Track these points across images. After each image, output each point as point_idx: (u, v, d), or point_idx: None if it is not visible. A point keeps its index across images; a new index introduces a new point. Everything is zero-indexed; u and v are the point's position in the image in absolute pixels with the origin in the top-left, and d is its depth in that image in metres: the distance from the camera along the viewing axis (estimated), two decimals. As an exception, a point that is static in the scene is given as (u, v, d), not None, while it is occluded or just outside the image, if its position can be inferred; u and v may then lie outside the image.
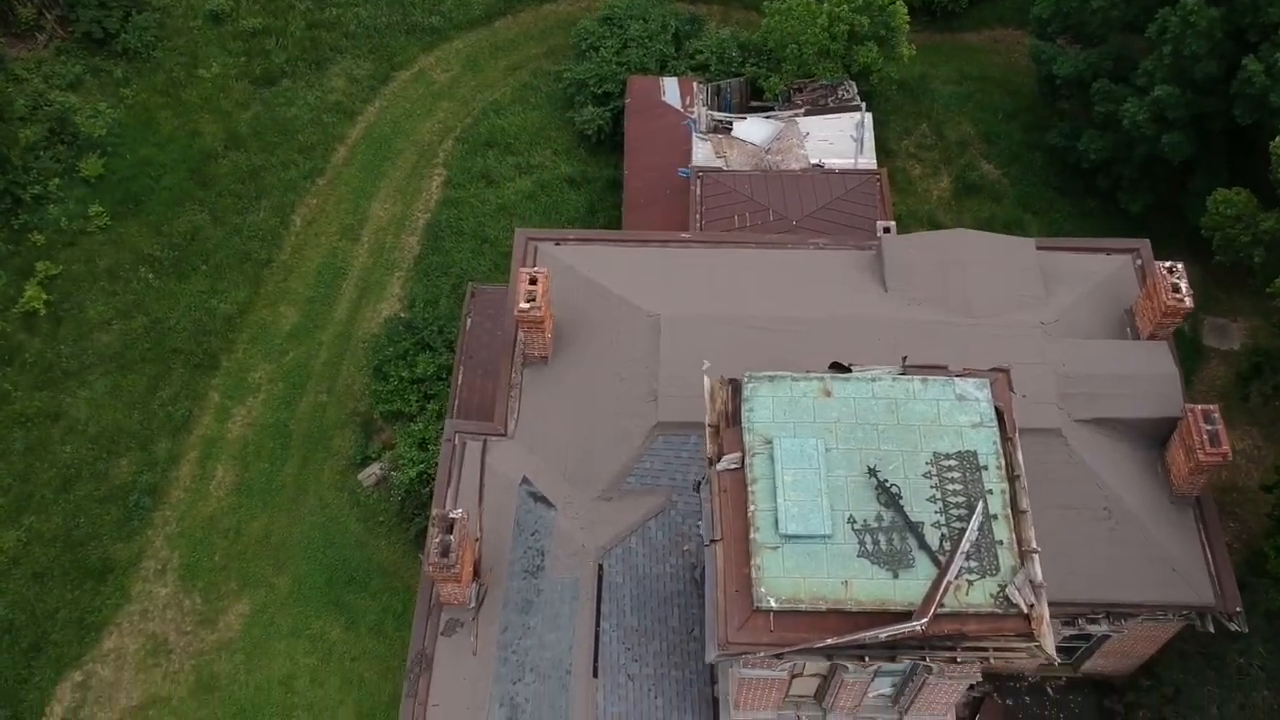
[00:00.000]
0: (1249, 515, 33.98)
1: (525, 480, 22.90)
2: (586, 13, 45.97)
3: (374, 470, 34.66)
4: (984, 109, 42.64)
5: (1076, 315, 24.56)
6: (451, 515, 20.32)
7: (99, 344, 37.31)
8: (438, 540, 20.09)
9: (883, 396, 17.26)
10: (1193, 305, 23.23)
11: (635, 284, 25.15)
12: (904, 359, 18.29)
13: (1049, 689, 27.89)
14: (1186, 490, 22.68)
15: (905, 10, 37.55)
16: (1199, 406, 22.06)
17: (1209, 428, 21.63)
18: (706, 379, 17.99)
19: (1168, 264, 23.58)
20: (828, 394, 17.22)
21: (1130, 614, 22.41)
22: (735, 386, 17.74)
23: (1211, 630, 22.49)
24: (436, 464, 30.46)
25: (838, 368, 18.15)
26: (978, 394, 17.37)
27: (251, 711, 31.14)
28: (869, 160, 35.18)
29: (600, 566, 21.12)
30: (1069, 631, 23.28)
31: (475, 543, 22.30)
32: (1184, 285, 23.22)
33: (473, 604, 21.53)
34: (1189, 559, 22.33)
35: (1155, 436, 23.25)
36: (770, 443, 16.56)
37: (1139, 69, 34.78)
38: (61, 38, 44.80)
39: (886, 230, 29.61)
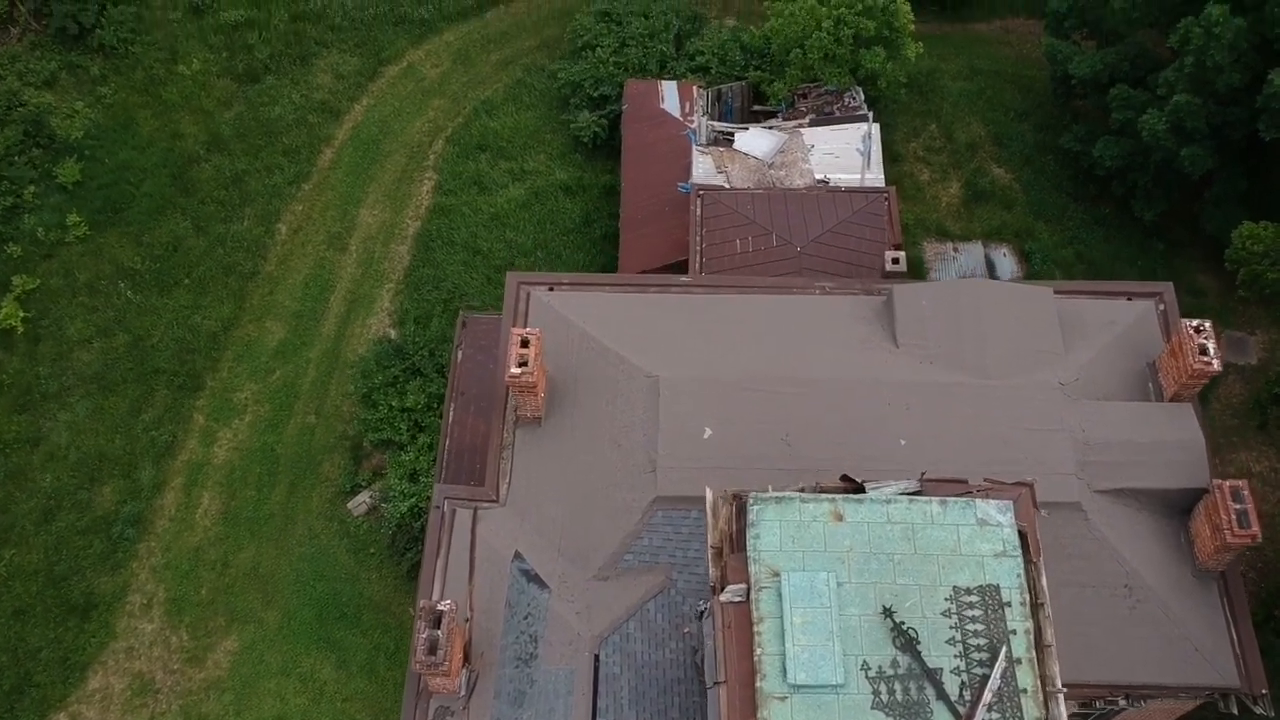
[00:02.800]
0: (1266, 543, 32.98)
1: (518, 556, 21.83)
2: (581, 2, 44.22)
3: (364, 499, 33.61)
4: (995, 107, 41.06)
5: (1097, 372, 23.34)
6: (439, 608, 19.27)
7: (79, 364, 36.10)
8: (424, 636, 19.06)
9: (899, 521, 16.13)
10: (1221, 368, 21.99)
11: (632, 337, 23.90)
12: (922, 475, 17.10)
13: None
14: (1211, 566, 21.62)
15: (909, 10, 35.85)
16: (1227, 483, 20.93)
17: (1238, 506, 20.52)
18: (709, 492, 16.85)
19: (1194, 323, 22.31)
20: (839, 518, 16.08)
21: (1150, 695, 21.45)
22: (740, 506, 16.59)
23: (1235, 712, 21.55)
24: (428, 498, 29.55)
25: (849, 481, 16.99)
26: (1000, 518, 16.24)
27: (241, 756, 30.44)
28: (876, 175, 33.72)
29: (596, 657, 20.11)
30: (1085, 714, 22.36)
31: (465, 623, 21.29)
32: (1211, 346, 21.98)
33: (463, 693, 20.56)
34: (1213, 638, 21.32)
35: (1179, 506, 22.15)
36: (778, 576, 15.46)
37: (1160, 79, 33.20)
38: (36, 31, 43.06)
39: (895, 262, 28.38)
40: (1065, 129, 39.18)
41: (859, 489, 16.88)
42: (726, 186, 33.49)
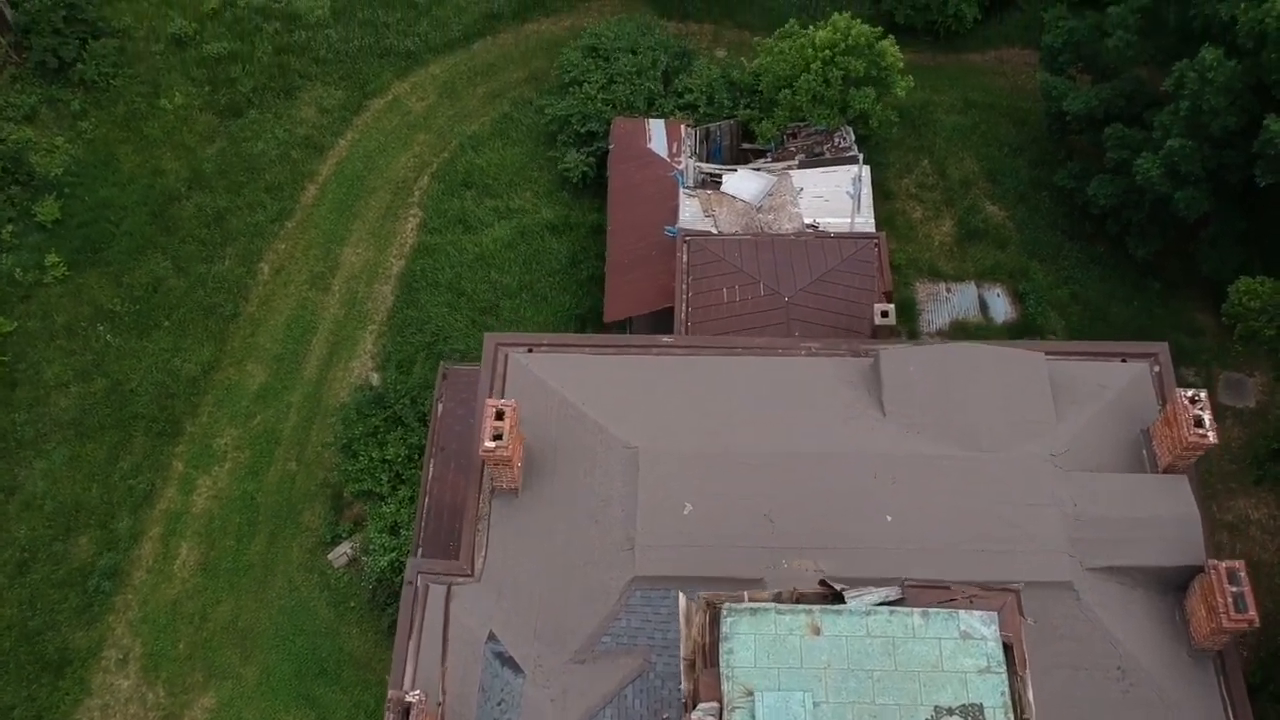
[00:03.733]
0: (1264, 594, 32.30)
1: (492, 637, 21.17)
2: (569, 32, 43.62)
3: (344, 550, 32.97)
4: (989, 142, 40.37)
5: (1089, 440, 22.68)
6: (408, 699, 18.61)
7: (57, 409, 35.45)
8: (393, 730, 18.40)
9: (879, 635, 15.49)
10: (1217, 440, 21.33)
11: (612, 404, 23.25)
12: (903, 581, 16.45)
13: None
14: (1207, 645, 20.96)
15: (896, 49, 35.20)
16: (1224, 564, 20.26)
17: (1234, 589, 19.86)
18: (681, 599, 16.20)
19: (1189, 393, 21.63)
20: (816, 631, 15.44)
21: (1144, 781, 20.79)
22: (713, 615, 15.96)
23: (1232, 796, 20.88)
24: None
25: (827, 587, 16.35)
26: (984, 630, 15.61)
27: (217, 820, 29.81)
28: (866, 219, 33.11)
29: (571, 748, 19.49)
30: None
31: (438, 707, 20.64)
32: (1207, 418, 21.31)
33: (434, 782, 19.89)
34: (1209, 721, 20.68)
35: (1174, 582, 21.49)
36: (752, 695, 14.81)
37: (1155, 120, 32.53)
38: (16, 64, 42.43)
39: (884, 315, 27.71)
40: (1060, 165, 38.55)
41: (838, 597, 16.22)
42: (714, 231, 32.88)
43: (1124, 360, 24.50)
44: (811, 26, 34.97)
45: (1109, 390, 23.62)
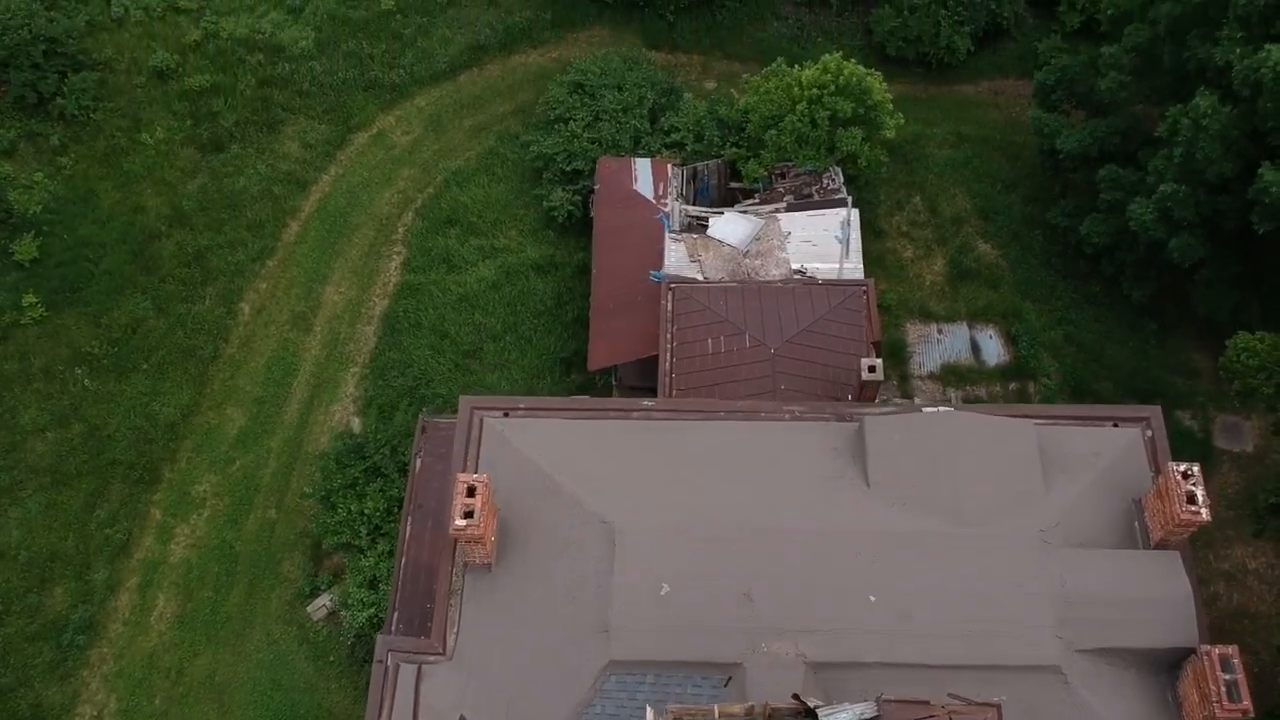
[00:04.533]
0: (1262, 646, 31.72)
1: (463, 721, 20.56)
2: (556, 64, 43.03)
3: (324, 602, 32.36)
4: (981, 177, 39.76)
5: (1079, 513, 22.05)
6: (373, 796, 18.01)
7: (33, 455, 34.86)
8: (356, 830, 17.78)
9: (852, 762, 14.93)
10: (1210, 518, 20.71)
11: (589, 475, 22.63)
12: (879, 697, 15.83)
13: None
14: (1201, 730, 20.34)
15: (884, 87, 34.57)
16: (1216, 650, 19.62)
17: (1228, 677, 19.23)
18: (650, 713, 15.59)
19: (1182, 467, 21.00)
20: (787, 753, 14.88)
21: None
22: (681, 733, 15.37)
23: None
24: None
25: (800, 703, 15.74)
26: (963, 752, 15.04)
27: None
28: (855, 264, 32.46)
29: (542, 845, 18.91)
30: None
31: (407, 796, 20.06)
32: (1200, 494, 20.68)
33: None
34: (1202, 811, 20.05)
35: (1167, 661, 20.87)
36: (718, 822, 14.28)
37: (1149, 165, 31.90)
38: (-5, 97, 41.86)
39: (871, 370, 27.09)
40: (1054, 201, 37.99)
41: (811, 713, 15.62)
42: (700, 277, 32.24)
43: (1116, 425, 23.86)
44: (798, 66, 34.29)
45: (1100, 458, 23.00)
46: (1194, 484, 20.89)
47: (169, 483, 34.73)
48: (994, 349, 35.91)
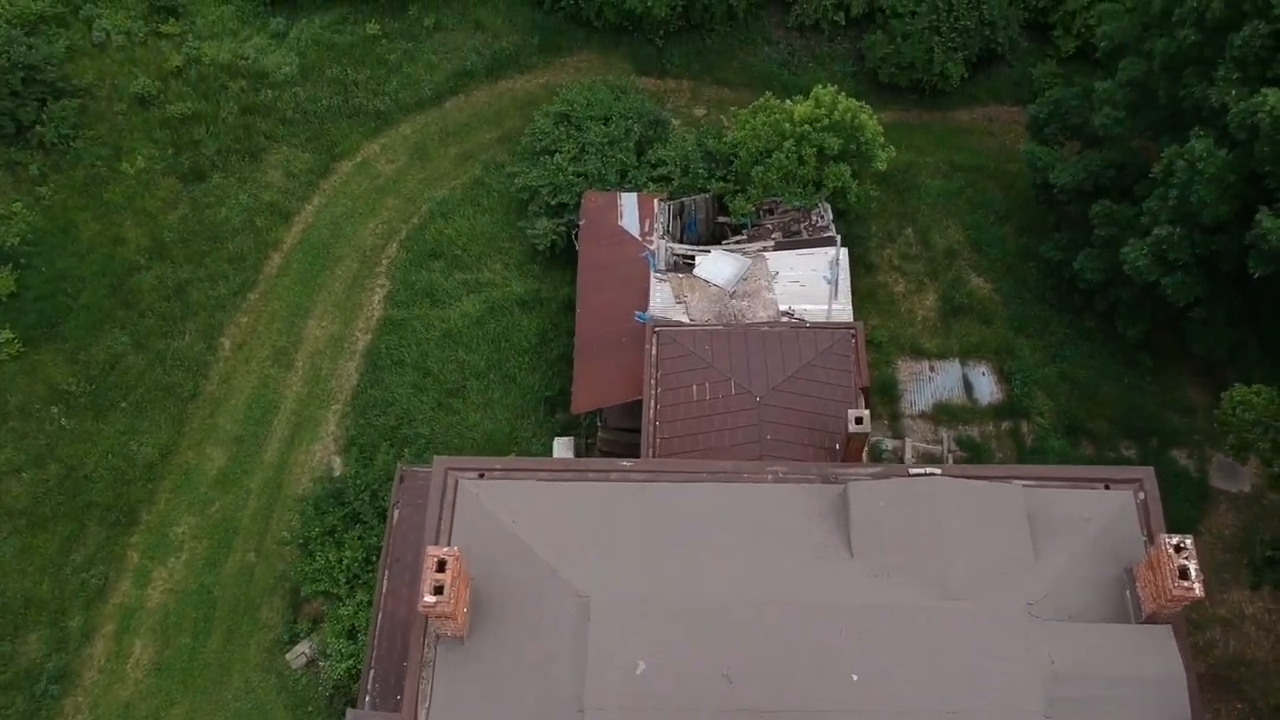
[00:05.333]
0: (1259, 695, 31.16)
1: (432, 805, 19.96)
2: (544, 89, 42.41)
3: (303, 650, 31.76)
4: (975, 208, 39.12)
5: (1069, 582, 21.41)
6: None
7: (8, 497, 34.27)
8: None
9: None
10: (1203, 594, 20.08)
11: (565, 543, 22.00)
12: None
13: None
14: (1192, 815, 19.75)
15: (875, 122, 33.90)
16: (1208, 735, 19.06)
17: (1219, 764, 18.63)
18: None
19: (1175, 540, 20.32)
20: None
21: None
22: None
23: None
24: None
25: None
26: None
27: None
28: (843, 306, 31.84)
29: None
30: None
31: None
32: (1193, 568, 20.04)
33: None
34: None
35: (1157, 740, 20.28)
36: None
37: (1143, 207, 31.24)
38: (-26, 126, 41.18)
39: (859, 422, 26.44)
40: (1048, 233, 37.34)
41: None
42: (686, 320, 31.65)
43: (1108, 487, 23.22)
44: (789, 101, 33.61)
45: (1091, 523, 22.36)
46: (1187, 557, 20.23)
47: (147, 525, 34.15)
48: (987, 387, 35.30)
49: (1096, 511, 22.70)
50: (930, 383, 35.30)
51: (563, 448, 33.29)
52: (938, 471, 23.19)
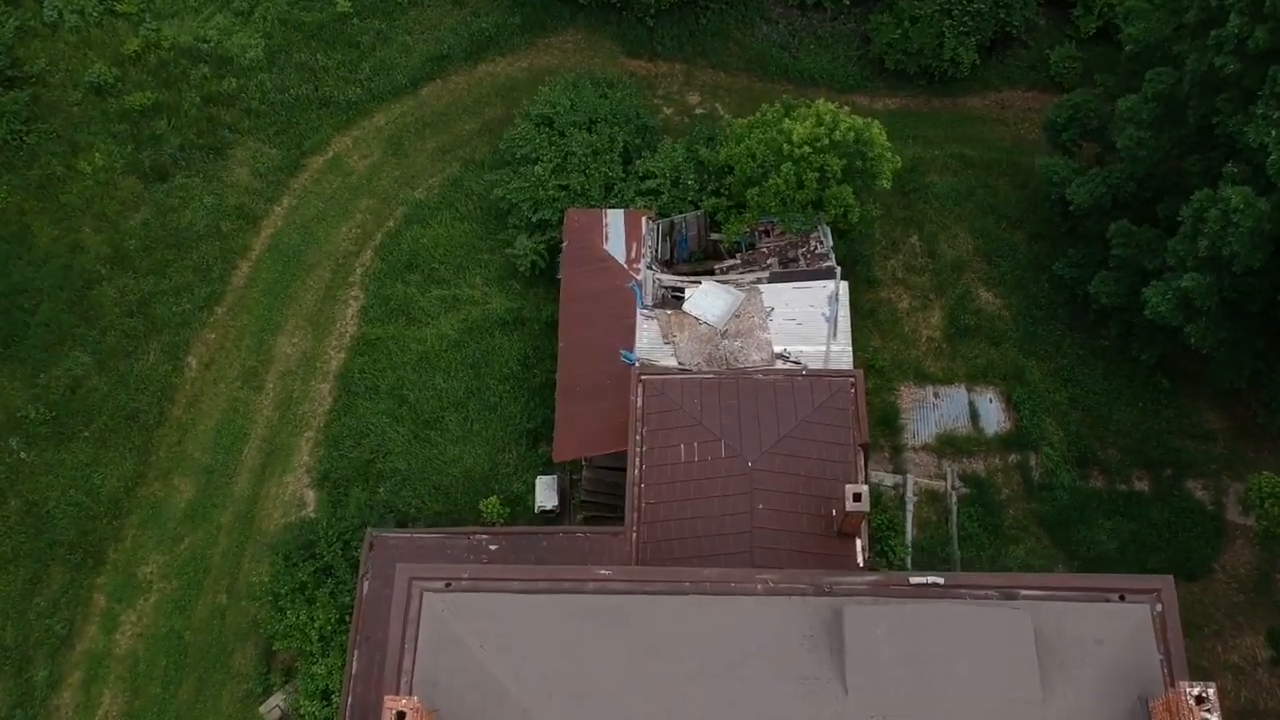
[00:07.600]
0: (1271, 750, 30.00)
1: None
2: (526, 73, 39.80)
3: (276, 703, 30.59)
4: (986, 211, 36.73)
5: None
6: None
7: (-34, 537, 32.85)
8: None
9: None
10: (1222, 752, 18.57)
11: (536, 671, 20.43)
12: None
13: None
14: None
15: (885, 139, 31.39)
16: None
17: None
18: None
19: (1196, 690, 18.72)
20: None
21: None
22: None
23: None
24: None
25: None
26: None
27: None
28: (843, 346, 29.83)
29: None
30: None
31: None
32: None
33: None
34: None
35: None
36: None
37: (1166, 249, 28.96)
38: (-77, 119, 38.72)
39: (857, 499, 24.69)
40: (1061, 241, 35.16)
41: None
42: (674, 361, 29.69)
43: (1122, 598, 21.54)
44: (788, 119, 31.03)
45: (1105, 647, 20.71)
46: (1208, 710, 18.65)
47: (114, 564, 32.75)
48: (994, 415, 33.44)
49: (1109, 631, 21.01)
50: (935, 410, 33.46)
51: (545, 487, 31.64)
52: (940, 580, 21.53)
